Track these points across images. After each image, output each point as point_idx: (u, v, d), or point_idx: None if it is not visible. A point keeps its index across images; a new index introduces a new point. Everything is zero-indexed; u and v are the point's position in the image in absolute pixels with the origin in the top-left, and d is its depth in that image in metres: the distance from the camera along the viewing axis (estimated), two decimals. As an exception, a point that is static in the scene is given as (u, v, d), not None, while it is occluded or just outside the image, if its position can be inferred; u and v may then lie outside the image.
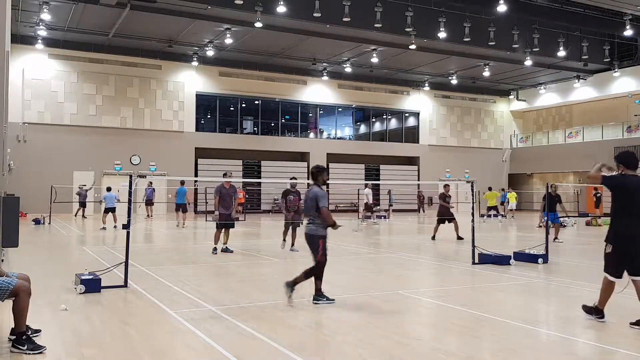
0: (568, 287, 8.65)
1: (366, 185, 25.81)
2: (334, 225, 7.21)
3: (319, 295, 7.22)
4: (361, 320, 6.37)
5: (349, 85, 36.44)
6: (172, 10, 24.21)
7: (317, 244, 7.16)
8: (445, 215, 16.35)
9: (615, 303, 7.47)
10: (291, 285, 7.12)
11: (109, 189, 21.00)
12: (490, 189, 28.47)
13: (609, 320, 6.31)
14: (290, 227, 13.25)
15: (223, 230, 12.82)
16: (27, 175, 27.25)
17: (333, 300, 7.21)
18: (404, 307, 7.19)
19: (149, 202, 26.12)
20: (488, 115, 41.66)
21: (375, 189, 34.11)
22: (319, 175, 7.36)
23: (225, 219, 12.78)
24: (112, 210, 20.32)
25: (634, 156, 6.26)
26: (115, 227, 19.78)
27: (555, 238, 15.83)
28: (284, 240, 13.38)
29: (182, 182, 22.21)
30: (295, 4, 23.68)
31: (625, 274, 6.17)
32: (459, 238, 15.82)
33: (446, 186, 16.76)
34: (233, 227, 13.15)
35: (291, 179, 13.76)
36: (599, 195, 27.60)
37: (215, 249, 12.65)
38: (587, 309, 6.47)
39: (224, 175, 13.25)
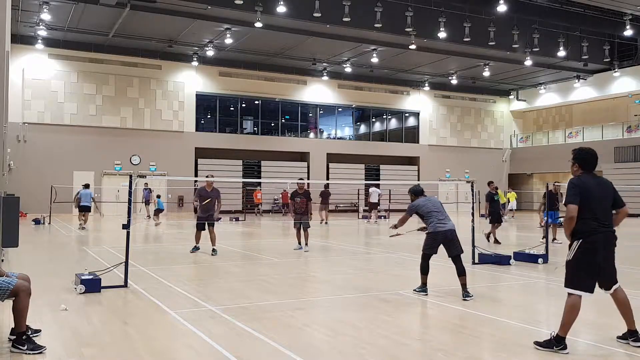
0: (568, 287, 8.63)
1: (373, 185, 25.98)
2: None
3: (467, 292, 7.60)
4: (361, 320, 6.37)
5: (349, 85, 36.44)
6: (172, 10, 24.21)
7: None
8: (496, 215, 15.63)
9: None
10: (464, 289, 7.58)
11: (87, 186, 20.45)
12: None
13: (608, 322, 6.30)
14: (301, 228, 13.26)
15: (208, 230, 12.69)
16: (27, 175, 27.24)
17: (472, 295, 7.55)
18: (404, 307, 7.19)
19: (146, 203, 26.09)
20: (488, 115, 41.65)
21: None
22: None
23: (206, 218, 12.66)
24: (87, 209, 19.83)
25: (594, 157, 5.61)
26: (83, 227, 19.31)
27: (554, 239, 15.61)
28: (300, 243, 13.42)
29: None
30: (295, 4, 23.68)
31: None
32: (497, 242, 15.24)
33: (491, 183, 16.12)
34: (213, 225, 12.76)
35: (299, 179, 13.75)
36: None
37: (195, 247, 12.74)
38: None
39: (207, 177, 13.09)
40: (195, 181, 30.36)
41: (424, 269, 7.84)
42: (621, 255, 11.48)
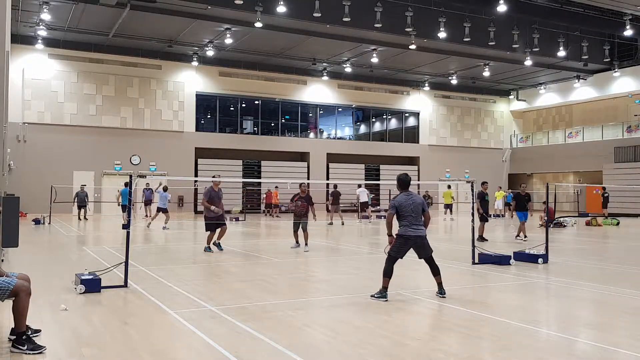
0: (568, 287, 8.65)
1: (360, 185, 26.33)
2: None
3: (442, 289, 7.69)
4: (361, 320, 6.37)
5: (349, 85, 36.44)
6: (172, 10, 24.20)
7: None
8: (485, 214, 15.94)
9: (613, 302, 7.49)
10: (440, 288, 7.68)
11: (165, 189, 21.01)
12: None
13: (608, 322, 6.29)
14: (300, 228, 13.46)
15: (216, 229, 12.92)
16: (27, 175, 27.24)
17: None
18: (404, 307, 7.18)
19: (147, 203, 26.05)
20: (488, 115, 41.66)
21: (376, 189, 34.23)
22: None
23: (216, 219, 12.84)
24: (164, 210, 20.43)
25: None
26: (164, 227, 19.77)
27: (521, 235, 16.27)
28: (297, 241, 13.61)
29: (127, 184, 22.61)
30: (295, 4, 23.68)
31: None
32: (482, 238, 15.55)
33: (484, 184, 16.38)
34: (225, 225, 13.10)
35: (301, 183, 13.89)
36: (606, 195, 27.62)
37: (208, 247, 12.85)
38: None
39: (213, 177, 13.26)
40: (195, 181, 30.39)
41: (388, 272, 7.52)
42: (622, 255, 11.56)
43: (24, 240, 11.69)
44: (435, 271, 7.70)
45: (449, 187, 29.31)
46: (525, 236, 16.29)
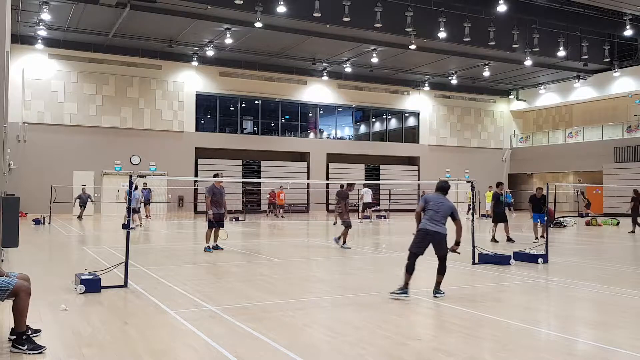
0: (568, 287, 8.65)
1: (364, 185, 26.32)
2: None
3: (438, 290, 7.71)
4: (361, 320, 6.37)
5: (349, 85, 36.44)
6: (172, 10, 24.21)
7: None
8: (502, 216, 15.98)
9: (613, 302, 7.49)
10: (437, 287, 7.72)
11: (136, 187, 21.24)
12: (490, 187, 29.54)
13: (609, 322, 6.29)
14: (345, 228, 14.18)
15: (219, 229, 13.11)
16: (27, 175, 27.24)
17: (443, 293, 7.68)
18: (404, 307, 7.18)
19: (147, 203, 25.99)
20: (488, 115, 41.65)
21: (376, 189, 34.19)
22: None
23: (219, 218, 12.99)
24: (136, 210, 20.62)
25: None
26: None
27: (538, 237, 16.23)
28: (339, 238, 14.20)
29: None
30: (295, 4, 23.68)
31: None
32: (510, 240, 15.35)
33: (500, 185, 16.45)
34: (223, 226, 13.29)
35: (347, 183, 14.98)
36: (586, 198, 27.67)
37: (208, 247, 13.00)
38: None
39: (215, 175, 13.44)
40: (195, 181, 30.39)
41: (409, 268, 7.66)
42: (622, 255, 11.57)
43: (24, 240, 11.70)
44: (441, 271, 7.73)
45: (490, 187, 29.23)
46: (536, 237, 15.99)
